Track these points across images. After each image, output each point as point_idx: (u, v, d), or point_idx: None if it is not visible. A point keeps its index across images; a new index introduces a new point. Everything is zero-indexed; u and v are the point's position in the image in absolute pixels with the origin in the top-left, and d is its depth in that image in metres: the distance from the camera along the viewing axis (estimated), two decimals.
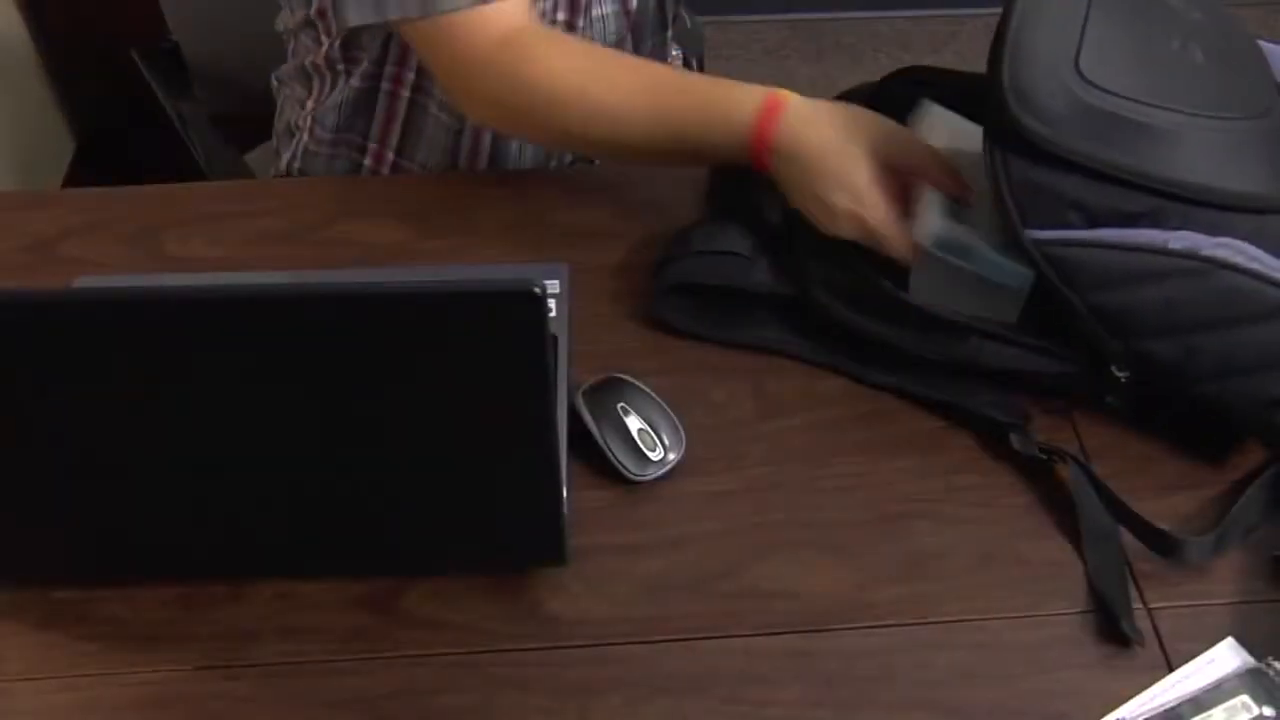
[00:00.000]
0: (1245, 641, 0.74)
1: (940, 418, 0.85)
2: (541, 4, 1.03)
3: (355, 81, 1.09)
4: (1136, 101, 0.77)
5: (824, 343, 0.89)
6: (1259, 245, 0.78)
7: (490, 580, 0.77)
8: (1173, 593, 0.77)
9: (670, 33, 1.23)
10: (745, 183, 0.93)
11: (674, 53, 1.30)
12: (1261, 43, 0.88)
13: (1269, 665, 0.72)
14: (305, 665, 0.74)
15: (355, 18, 0.96)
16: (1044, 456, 0.81)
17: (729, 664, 0.74)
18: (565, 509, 0.75)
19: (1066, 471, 0.81)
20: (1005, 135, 0.78)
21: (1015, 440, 0.82)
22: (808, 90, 0.90)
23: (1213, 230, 0.78)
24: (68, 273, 0.94)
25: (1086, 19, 0.79)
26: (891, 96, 0.95)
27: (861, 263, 0.87)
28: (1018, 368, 0.84)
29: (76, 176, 2.03)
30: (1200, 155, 0.78)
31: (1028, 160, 0.78)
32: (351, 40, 1.06)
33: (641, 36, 1.17)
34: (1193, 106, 0.78)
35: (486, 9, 0.91)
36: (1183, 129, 0.78)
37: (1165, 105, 0.77)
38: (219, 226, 0.99)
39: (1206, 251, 0.77)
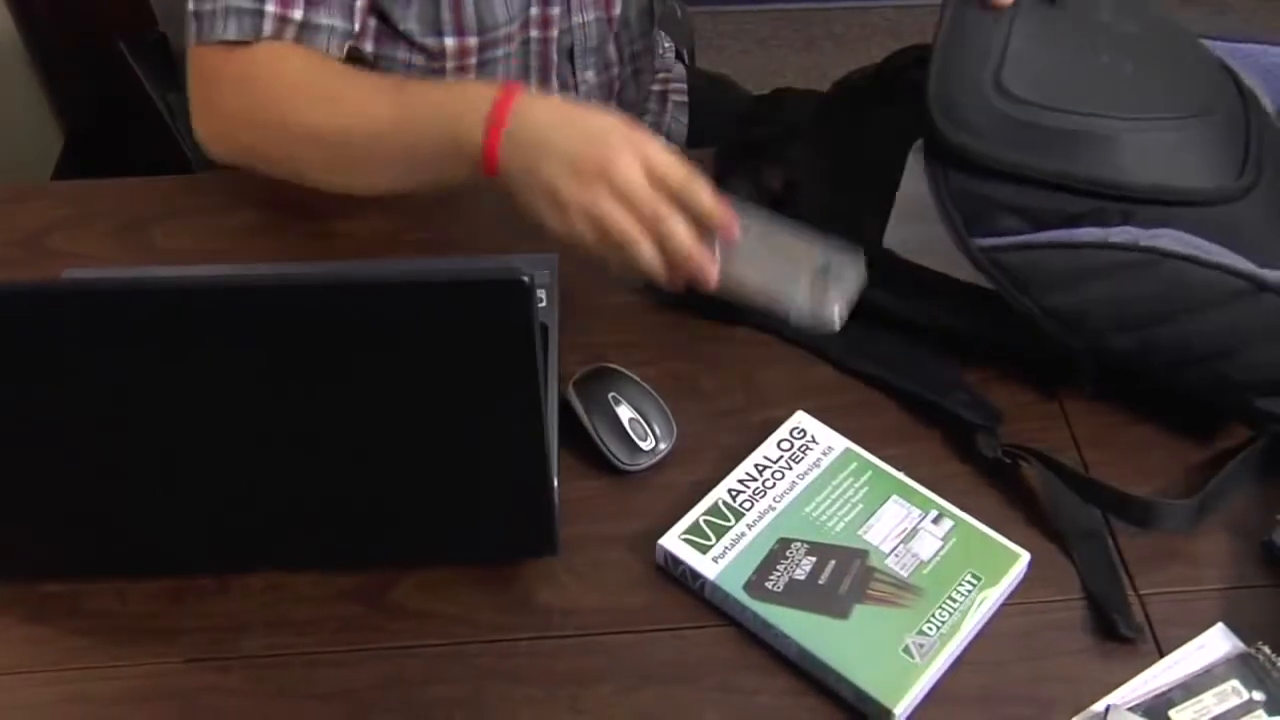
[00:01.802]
0: (1235, 627, 0.74)
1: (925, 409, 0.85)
2: (521, 15, 1.02)
3: None
4: (1060, 111, 0.80)
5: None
6: (1201, 237, 0.79)
7: (480, 571, 0.77)
8: (1163, 579, 0.77)
9: (656, 18, 1.22)
10: (746, 154, 0.92)
11: (665, 44, 1.30)
12: (1213, 41, 0.90)
13: (1259, 650, 0.72)
14: (295, 657, 0.74)
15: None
16: (1007, 461, 0.81)
17: (719, 653, 0.74)
18: (555, 499, 0.75)
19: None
20: (939, 150, 0.81)
21: (980, 443, 0.82)
22: (799, 80, 0.89)
23: (1152, 225, 0.79)
24: (55, 266, 0.94)
25: (1009, 38, 0.82)
26: (892, 78, 0.94)
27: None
28: (965, 330, 0.85)
29: (65, 170, 2.02)
30: (1137, 157, 0.80)
31: (964, 173, 0.80)
32: None
33: (627, 38, 1.16)
34: (1124, 112, 0.80)
35: (253, 47, 0.89)
36: (1116, 133, 0.80)
37: (1093, 113, 0.80)
38: (206, 218, 0.99)
39: (1146, 242, 0.78)
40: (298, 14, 0.90)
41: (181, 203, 1.01)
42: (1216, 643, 0.74)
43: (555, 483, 0.76)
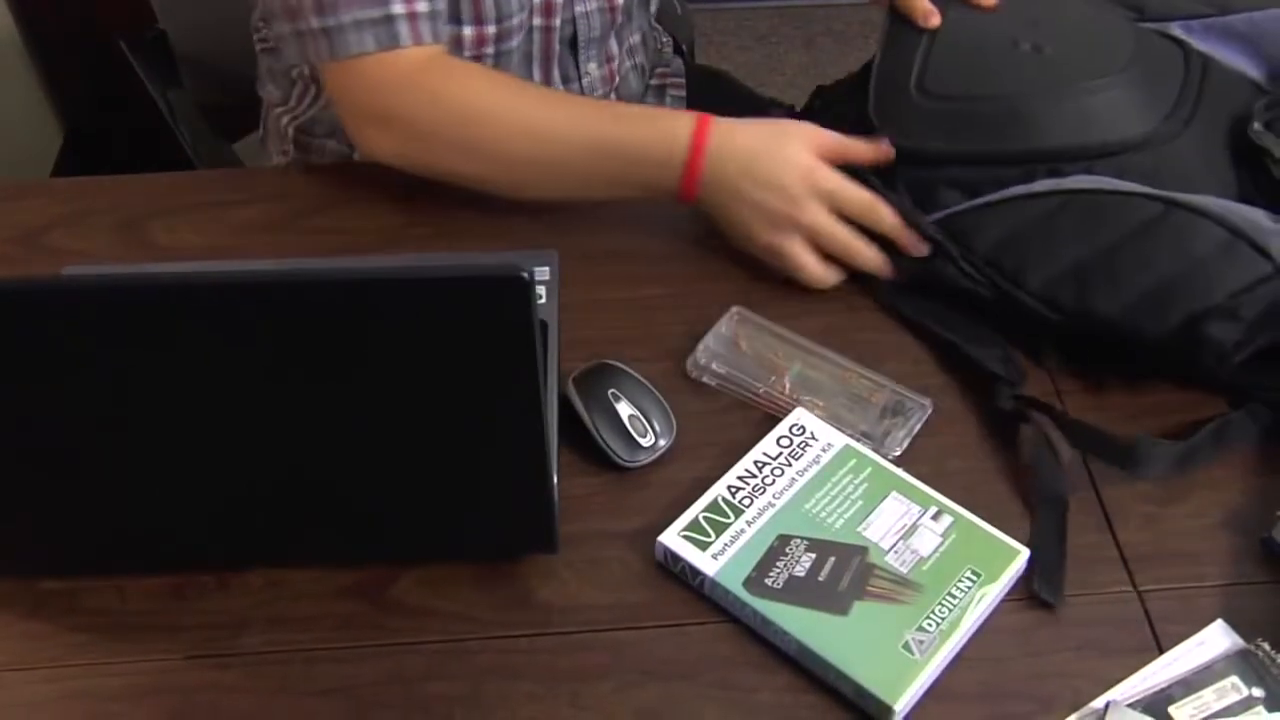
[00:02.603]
0: (1235, 623, 0.74)
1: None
2: (510, 7, 1.02)
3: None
4: (980, 98, 0.92)
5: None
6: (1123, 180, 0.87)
7: (480, 568, 0.77)
8: (1163, 575, 0.77)
9: (653, 11, 1.22)
10: None
11: (664, 39, 1.30)
12: (1190, 21, 1.00)
13: (1258, 647, 0.72)
14: (295, 654, 0.74)
15: (288, 58, 0.99)
16: (1023, 415, 0.82)
17: (719, 650, 0.74)
18: (555, 496, 0.75)
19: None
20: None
21: (999, 394, 0.84)
22: (799, 77, 0.92)
23: (1079, 172, 0.88)
24: (55, 263, 0.94)
25: (931, 49, 0.95)
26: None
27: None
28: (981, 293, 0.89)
29: (65, 167, 2.02)
30: (1058, 123, 0.90)
31: (907, 165, 0.92)
32: None
33: (626, 28, 1.16)
34: (1044, 87, 0.91)
35: (395, 52, 0.91)
36: (1036, 106, 0.91)
37: (1015, 93, 0.92)
38: (206, 215, 0.99)
39: (1068, 185, 0.88)
40: (422, 5, 0.91)
41: (181, 199, 1.01)
42: (1216, 639, 0.74)
43: (555, 479, 0.76)
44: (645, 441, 0.81)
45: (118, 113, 1.67)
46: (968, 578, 0.74)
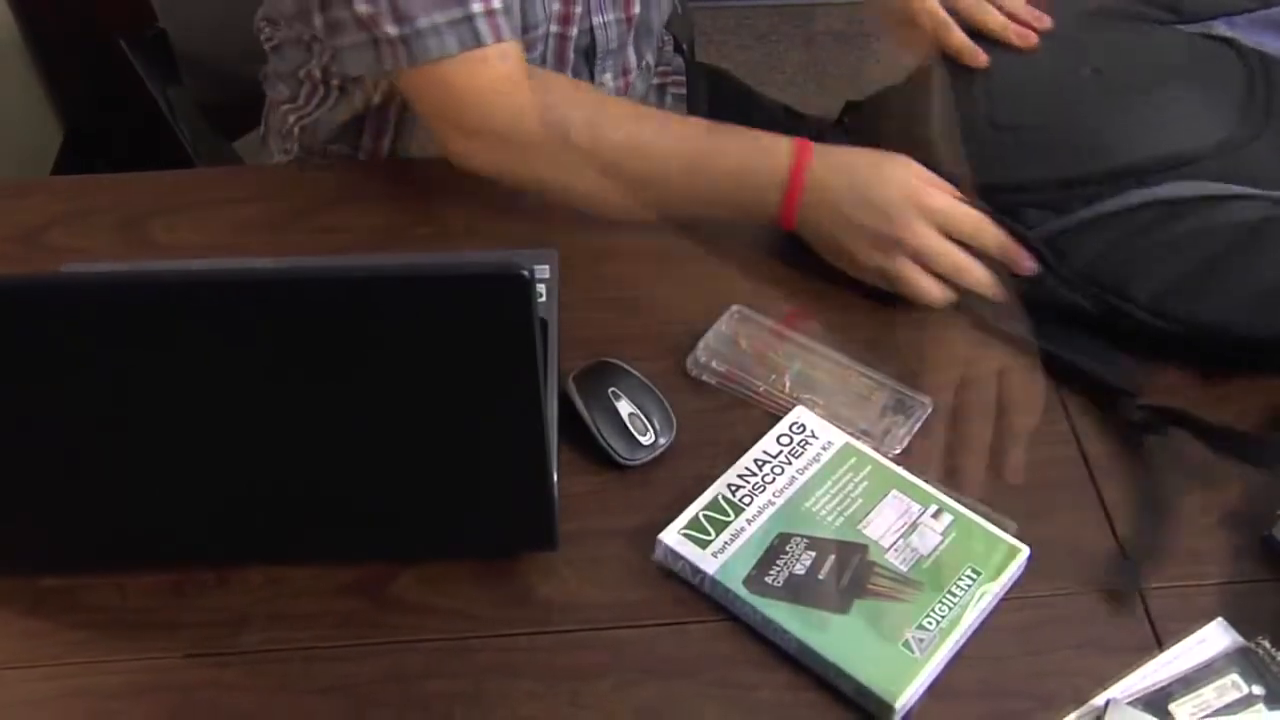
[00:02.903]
0: (1235, 621, 0.74)
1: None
2: (535, 17, 1.01)
3: (356, 102, 1.08)
4: (1052, 125, 0.92)
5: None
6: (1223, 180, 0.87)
7: (480, 565, 0.77)
8: (1163, 573, 0.77)
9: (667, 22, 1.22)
10: None
11: (666, 37, 1.29)
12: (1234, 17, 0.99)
13: (1258, 645, 0.72)
14: (295, 651, 0.74)
15: (354, 69, 0.95)
16: (1153, 425, 0.82)
17: (720, 648, 0.74)
18: (555, 494, 0.75)
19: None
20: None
21: (1122, 406, 0.83)
22: (799, 75, 0.92)
23: (1172, 179, 0.87)
24: (54, 261, 0.94)
25: (990, 86, 0.96)
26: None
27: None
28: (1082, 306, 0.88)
29: (65, 166, 2.02)
30: (1136, 139, 0.89)
31: (994, 194, 0.90)
32: None
33: (645, 41, 1.15)
34: (1116, 107, 0.92)
35: (479, 53, 0.89)
36: (1112, 127, 0.90)
37: (1085, 116, 0.92)
38: (206, 213, 0.99)
39: (1164, 194, 0.87)
40: (498, 2, 0.89)
41: (181, 198, 1.01)
42: (1216, 637, 0.74)
43: (555, 477, 0.76)
44: (645, 440, 0.81)
45: (118, 111, 1.67)
46: (968, 576, 0.74)
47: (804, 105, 1.45)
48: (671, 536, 0.76)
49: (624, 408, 0.82)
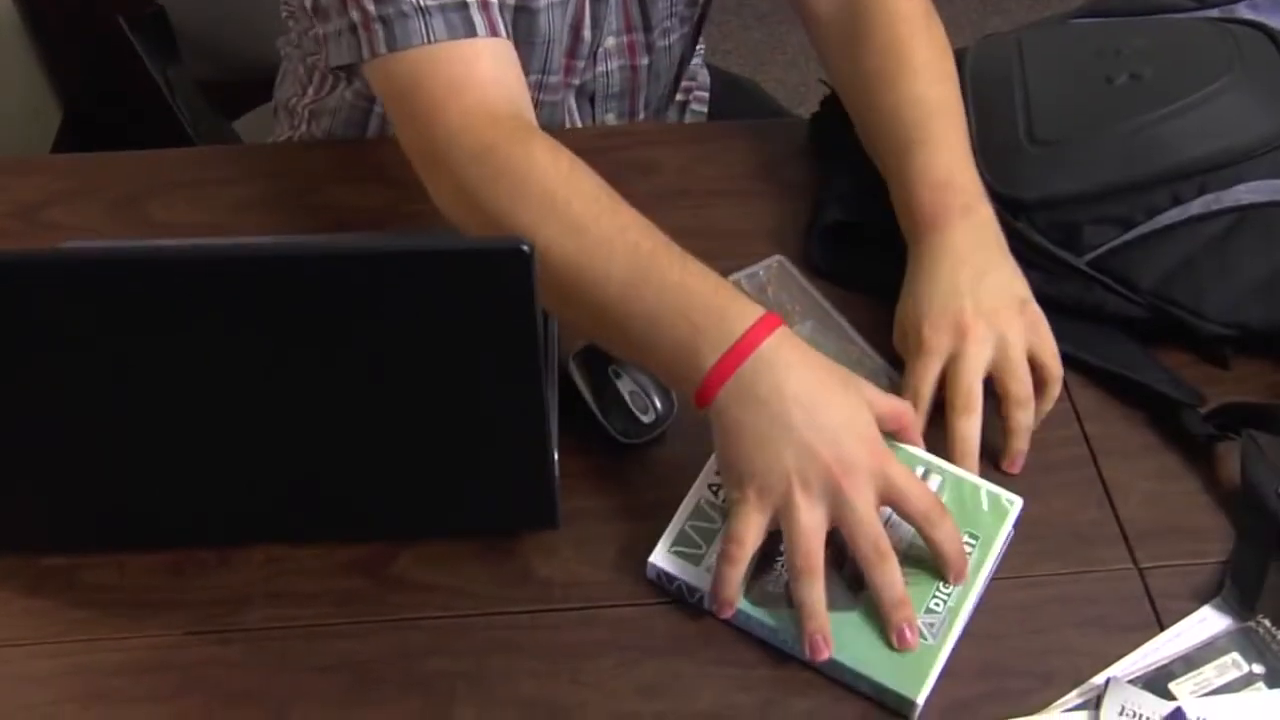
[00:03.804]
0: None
1: None
2: (536, 63, 0.98)
3: (349, 97, 1.07)
4: (1095, 135, 0.88)
5: None
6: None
7: (482, 544, 0.77)
8: (1164, 552, 0.77)
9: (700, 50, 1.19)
10: None
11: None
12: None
13: (1259, 624, 0.72)
14: (295, 629, 0.74)
15: (337, 58, 0.86)
16: (1220, 436, 0.80)
17: (721, 626, 0.74)
18: (556, 472, 0.75)
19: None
20: (1011, 207, 0.87)
21: (1187, 420, 0.81)
22: (800, 56, 0.90)
23: (1230, 185, 0.85)
24: (52, 239, 0.94)
25: (1027, 101, 0.91)
26: None
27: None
28: (1140, 317, 0.86)
29: (64, 146, 2.01)
30: (1185, 138, 0.86)
31: (1039, 211, 0.88)
32: None
33: (655, 89, 1.12)
34: (1158, 109, 0.87)
35: (469, 45, 0.80)
36: (1157, 128, 0.86)
37: (1129, 121, 0.87)
38: (204, 192, 0.99)
39: (1230, 201, 0.84)
40: None
41: (180, 176, 1.00)
42: (1217, 616, 0.74)
43: (555, 455, 0.76)
44: (646, 418, 0.81)
45: (117, 91, 1.66)
46: (967, 543, 0.73)
47: (804, 86, 1.44)
48: (661, 557, 0.74)
49: (625, 386, 0.81)
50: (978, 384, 0.78)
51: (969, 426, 0.78)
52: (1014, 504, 0.75)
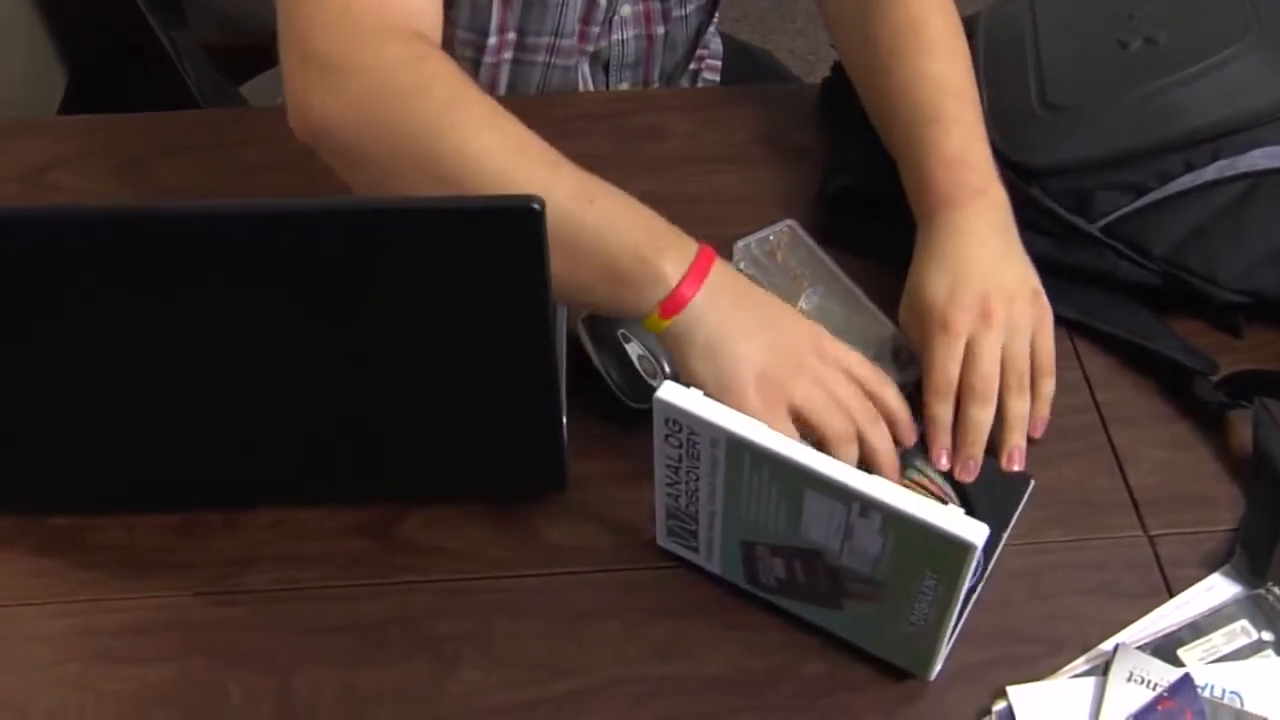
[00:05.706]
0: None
1: None
2: (549, 23, 0.98)
3: None
4: (1108, 99, 0.87)
5: None
6: None
7: (489, 507, 0.77)
8: (1173, 520, 0.77)
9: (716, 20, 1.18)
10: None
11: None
12: None
13: (1268, 591, 0.72)
14: (303, 591, 0.74)
15: None
16: (1232, 404, 0.80)
17: (729, 589, 0.73)
18: (565, 435, 0.75)
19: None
20: (1022, 173, 0.87)
21: (1198, 388, 0.81)
22: (809, 25, 0.88)
23: (1245, 150, 0.84)
24: (56, 201, 0.93)
25: (1039, 65, 0.90)
26: None
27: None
28: (1153, 284, 0.85)
29: (70, 109, 2.00)
30: (1199, 102, 0.85)
31: (1051, 178, 0.87)
32: None
33: (670, 58, 1.10)
34: (1172, 73, 0.86)
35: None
36: (1172, 92, 0.85)
37: (1143, 86, 0.86)
38: (209, 155, 0.98)
39: (1244, 166, 0.83)
40: None
41: (184, 139, 1.00)
42: (1226, 583, 0.73)
43: (564, 419, 0.76)
44: (655, 382, 0.80)
45: (122, 55, 1.66)
46: (929, 580, 0.64)
47: (813, 55, 1.43)
48: (665, 541, 0.74)
49: (634, 349, 0.81)
50: (997, 370, 0.77)
51: (985, 414, 0.77)
52: (970, 549, 0.60)
